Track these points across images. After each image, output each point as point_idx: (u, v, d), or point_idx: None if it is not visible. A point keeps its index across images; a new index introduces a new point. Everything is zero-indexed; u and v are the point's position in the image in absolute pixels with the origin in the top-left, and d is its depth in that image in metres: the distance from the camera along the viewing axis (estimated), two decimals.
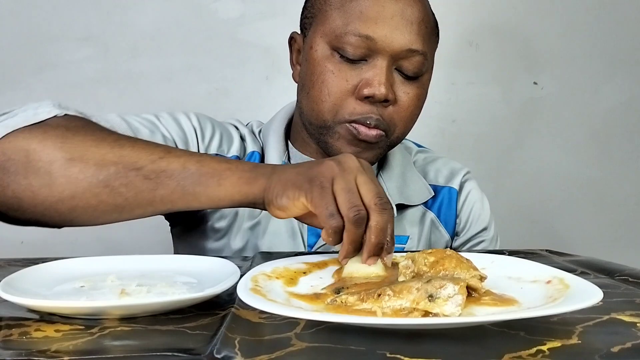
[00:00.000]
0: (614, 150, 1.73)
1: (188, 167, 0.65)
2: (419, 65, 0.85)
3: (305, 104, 0.89)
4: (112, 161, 0.64)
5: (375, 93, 0.82)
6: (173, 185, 0.65)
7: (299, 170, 0.62)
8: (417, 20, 0.84)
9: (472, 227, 1.02)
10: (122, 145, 0.66)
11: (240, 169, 0.65)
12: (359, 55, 0.83)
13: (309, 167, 0.62)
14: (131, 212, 0.68)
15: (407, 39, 0.83)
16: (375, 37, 0.81)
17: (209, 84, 1.59)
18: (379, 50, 0.82)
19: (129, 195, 0.65)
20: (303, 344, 0.42)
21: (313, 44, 0.87)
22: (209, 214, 0.93)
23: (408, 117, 0.88)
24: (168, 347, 0.42)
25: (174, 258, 0.69)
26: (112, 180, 0.64)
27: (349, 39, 0.82)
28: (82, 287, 0.57)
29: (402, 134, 0.90)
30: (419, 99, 0.88)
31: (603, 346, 0.41)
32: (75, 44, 1.55)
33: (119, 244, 1.51)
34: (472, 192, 1.03)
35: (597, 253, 0.92)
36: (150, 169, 0.64)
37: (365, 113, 0.84)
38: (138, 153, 0.65)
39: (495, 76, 1.68)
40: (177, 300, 0.51)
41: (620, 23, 1.70)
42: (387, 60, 0.83)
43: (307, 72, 0.88)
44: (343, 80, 0.84)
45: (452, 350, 0.41)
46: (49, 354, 0.41)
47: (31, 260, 0.70)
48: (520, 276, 0.57)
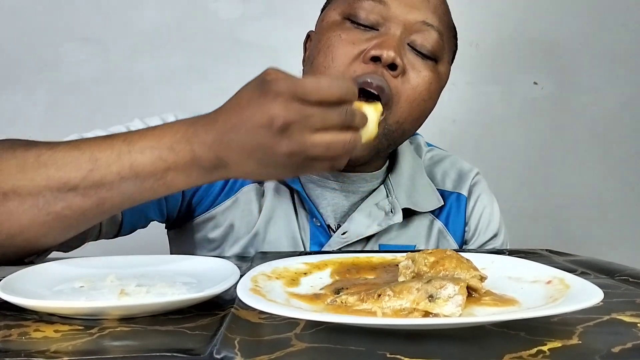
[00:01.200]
0: (614, 150, 1.73)
1: (124, 175, 0.59)
2: (433, 43, 0.81)
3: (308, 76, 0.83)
4: (43, 186, 0.60)
5: (383, 54, 0.76)
6: (117, 198, 0.60)
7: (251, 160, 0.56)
8: (434, 1, 0.82)
9: (482, 235, 0.97)
10: (45, 164, 0.60)
11: (183, 164, 0.58)
12: (371, 21, 0.80)
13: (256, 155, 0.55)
14: (88, 224, 0.65)
15: (422, 11, 0.80)
16: (390, 3, 0.79)
17: (209, 84, 1.58)
18: (392, 18, 0.79)
19: (76, 216, 0.61)
20: (303, 344, 0.42)
21: (325, 17, 0.85)
22: (200, 223, 0.90)
23: (415, 98, 0.81)
24: (167, 347, 0.42)
25: (174, 258, 0.69)
26: (52, 206, 0.60)
27: (362, 4, 0.80)
28: (81, 288, 0.57)
29: (407, 120, 0.83)
30: (430, 83, 0.82)
31: (603, 346, 0.41)
32: (75, 44, 1.55)
33: (117, 244, 1.50)
34: (481, 197, 0.98)
35: (597, 253, 0.92)
36: (85, 187, 0.59)
37: (367, 75, 0.78)
38: (64, 170, 0.60)
39: (495, 76, 1.68)
40: (176, 300, 0.51)
41: (620, 23, 1.70)
42: (400, 29, 0.79)
43: (314, 45, 0.84)
44: (349, 44, 0.79)
45: (452, 351, 0.41)
46: (48, 354, 0.40)
47: (30, 260, 0.70)
48: (520, 276, 0.57)
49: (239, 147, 0.55)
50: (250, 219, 0.88)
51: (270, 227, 0.88)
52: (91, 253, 0.69)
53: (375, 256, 0.66)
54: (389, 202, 0.90)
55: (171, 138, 0.59)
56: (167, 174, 0.59)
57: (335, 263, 0.63)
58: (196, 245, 0.92)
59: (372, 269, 0.62)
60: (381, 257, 0.66)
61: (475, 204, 0.98)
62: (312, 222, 0.88)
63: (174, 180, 0.59)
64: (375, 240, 0.89)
